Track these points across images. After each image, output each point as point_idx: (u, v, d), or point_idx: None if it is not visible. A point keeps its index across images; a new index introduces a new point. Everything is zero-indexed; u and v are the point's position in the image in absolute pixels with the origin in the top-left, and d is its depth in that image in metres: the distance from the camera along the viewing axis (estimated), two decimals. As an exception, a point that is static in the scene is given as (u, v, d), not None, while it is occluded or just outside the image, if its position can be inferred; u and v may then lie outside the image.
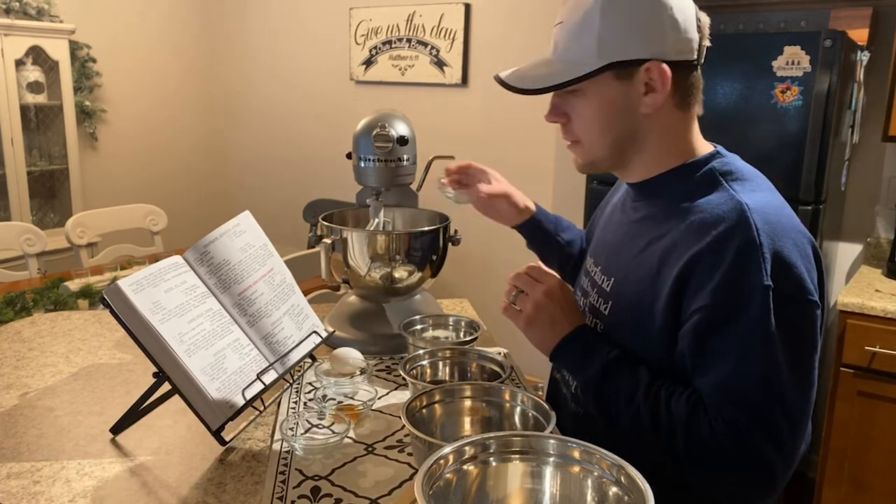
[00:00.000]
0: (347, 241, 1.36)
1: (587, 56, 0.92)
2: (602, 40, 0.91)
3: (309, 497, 0.88)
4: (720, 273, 0.85)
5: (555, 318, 0.99)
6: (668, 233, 0.94)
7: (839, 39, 2.02)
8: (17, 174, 3.29)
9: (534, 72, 0.97)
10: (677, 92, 0.95)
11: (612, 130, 0.96)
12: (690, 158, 0.98)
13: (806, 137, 2.05)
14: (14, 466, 0.96)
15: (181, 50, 4.13)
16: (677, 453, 0.88)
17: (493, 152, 3.29)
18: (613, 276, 1.02)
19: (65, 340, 1.43)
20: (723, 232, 0.87)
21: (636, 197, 1.04)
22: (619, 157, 0.99)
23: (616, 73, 0.92)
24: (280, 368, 1.13)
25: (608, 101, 0.94)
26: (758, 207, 0.88)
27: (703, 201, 0.92)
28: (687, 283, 0.88)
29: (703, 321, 0.86)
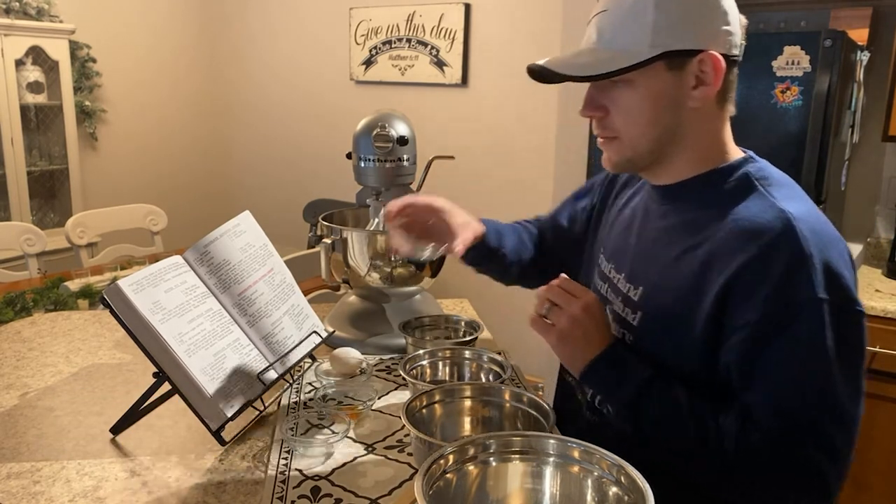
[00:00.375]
0: (347, 241, 1.36)
1: (639, 44, 0.87)
2: (657, 28, 0.87)
3: (309, 497, 0.88)
4: (770, 285, 0.83)
5: (589, 335, 0.93)
6: (706, 241, 0.90)
7: (839, 39, 2.02)
8: (17, 174, 3.29)
9: (577, 60, 0.92)
10: (722, 88, 0.92)
11: (658, 124, 0.92)
12: (723, 163, 0.95)
13: (806, 137, 2.05)
14: (14, 466, 0.96)
15: (181, 50, 4.13)
16: (727, 470, 0.86)
17: (493, 152, 3.30)
18: (642, 286, 0.98)
19: (65, 340, 1.43)
20: (770, 242, 0.84)
21: (663, 201, 1.00)
22: (658, 154, 0.95)
23: (668, 63, 0.89)
24: (280, 368, 1.13)
25: (657, 92, 0.90)
26: (802, 216, 0.86)
27: (742, 209, 0.89)
28: (733, 295, 0.85)
29: (754, 334, 0.84)
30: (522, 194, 3.20)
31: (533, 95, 3.11)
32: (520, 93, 3.17)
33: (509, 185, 3.25)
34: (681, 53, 0.88)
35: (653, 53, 0.87)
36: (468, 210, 1.34)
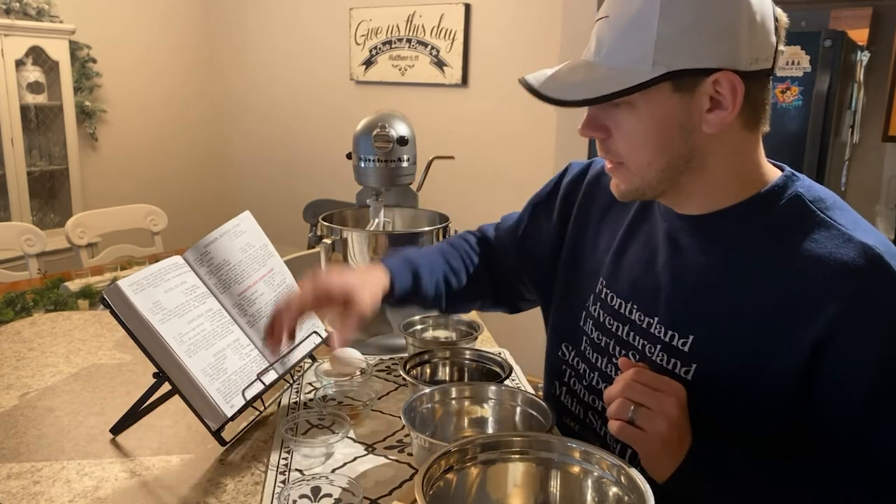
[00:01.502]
0: (347, 241, 1.36)
1: (640, 62, 0.75)
2: (661, 43, 0.74)
3: (309, 497, 0.88)
4: (879, 336, 0.73)
5: (683, 434, 0.77)
6: (772, 284, 0.78)
7: (839, 39, 2.02)
8: (18, 174, 3.29)
9: (571, 77, 0.80)
10: (747, 107, 0.78)
11: (666, 153, 0.79)
12: (764, 185, 0.82)
13: (806, 137, 2.05)
14: (14, 467, 0.96)
15: (181, 50, 4.13)
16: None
17: (493, 152, 3.30)
18: (693, 335, 0.84)
19: (65, 341, 1.43)
20: (865, 285, 0.73)
21: (696, 233, 0.86)
22: (671, 184, 0.82)
23: (675, 85, 0.76)
24: (280, 369, 1.13)
25: (663, 117, 0.77)
26: (884, 247, 0.75)
27: (812, 244, 0.77)
28: (833, 349, 0.74)
29: (870, 391, 0.74)
30: (522, 194, 3.19)
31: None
32: (520, 93, 3.15)
33: (509, 186, 3.25)
34: (690, 72, 0.75)
35: (655, 73, 0.74)
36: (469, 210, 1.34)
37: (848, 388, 0.75)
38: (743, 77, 0.75)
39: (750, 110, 0.79)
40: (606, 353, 0.96)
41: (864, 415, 0.75)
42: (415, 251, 1.14)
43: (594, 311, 0.99)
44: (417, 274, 1.07)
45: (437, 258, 1.14)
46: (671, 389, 0.77)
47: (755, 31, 0.76)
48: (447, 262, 1.15)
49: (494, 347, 1.41)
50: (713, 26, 0.74)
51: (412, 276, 1.07)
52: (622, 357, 0.86)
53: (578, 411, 1.02)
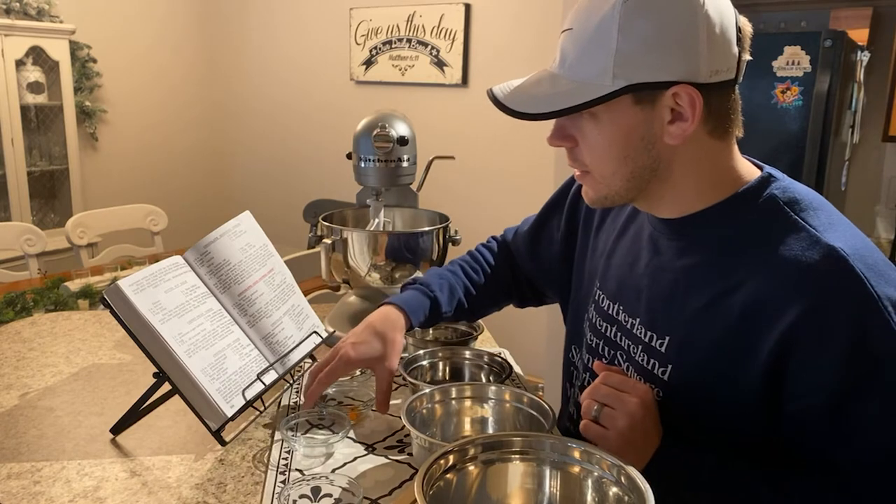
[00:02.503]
0: (347, 241, 1.36)
1: (601, 75, 0.76)
2: (620, 57, 0.75)
3: (309, 497, 0.88)
4: (841, 339, 0.72)
5: (648, 433, 0.80)
6: (741, 286, 0.79)
7: (839, 40, 2.02)
8: (18, 174, 3.29)
9: (535, 89, 0.82)
10: (712, 118, 0.80)
11: (629, 163, 0.81)
12: (739, 187, 0.83)
13: (806, 137, 2.05)
14: (14, 467, 0.96)
15: (181, 50, 4.13)
16: None
17: (493, 153, 3.30)
18: (668, 336, 0.86)
19: (65, 341, 1.43)
20: (826, 289, 0.73)
21: (676, 235, 0.87)
22: (638, 192, 0.84)
23: (635, 98, 0.77)
24: (280, 369, 1.13)
25: (625, 129, 0.79)
26: (853, 251, 0.75)
27: (781, 247, 0.77)
28: (794, 352, 0.75)
29: (838, 393, 0.74)
30: (522, 194, 3.20)
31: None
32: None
33: (509, 186, 3.25)
34: (649, 86, 0.76)
35: (615, 87, 0.75)
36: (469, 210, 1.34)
37: (811, 391, 0.75)
38: (703, 89, 0.76)
39: (714, 120, 0.80)
40: (597, 354, 1.00)
41: (827, 418, 0.75)
42: (435, 274, 1.19)
43: (591, 314, 1.03)
44: (436, 301, 1.13)
45: (457, 276, 1.20)
46: (635, 391, 0.80)
47: (714, 43, 0.76)
48: (467, 276, 1.21)
49: (494, 347, 1.41)
50: (671, 40, 0.75)
51: (430, 306, 1.12)
52: (597, 361, 0.90)
53: (572, 411, 1.07)
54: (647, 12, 0.75)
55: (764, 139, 2.08)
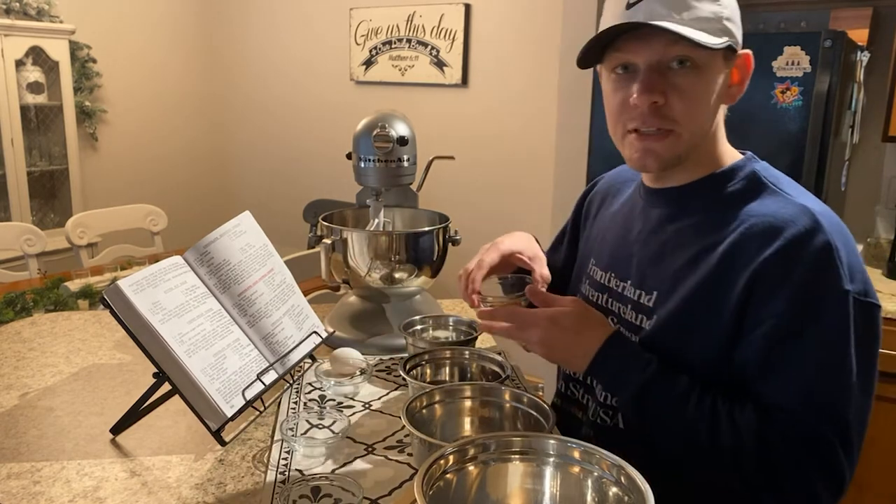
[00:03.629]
0: (347, 241, 1.36)
1: (713, 29, 0.87)
2: (728, 18, 0.89)
3: (309, 497, 0.88)
4: (798, 277, 0.82)
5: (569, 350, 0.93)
6: (724, 240, 0.89)
7: (839, 40, 2.02)
8: (18, 174, 3.29)
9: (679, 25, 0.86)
10: None
11: (712, 116, 0.93)
12: (720, 167, 0.96)
13: (806, 138, 2.05)
14: (14, 467, 0.96)
15: (181, 51, 4.13)
16: (742, 467, 0.84)
17: (493, 152, 3.30)
18: (656, 290, 0.96)
19: (65, 341, 1.43)
20: (795, 236, 0.84)
21: (665, 205, 0.99)
22: (695, 151, 0.94)
23: (725, 56, 0.90)
24: (280, 369, 1.13)
25: (715, 81, 0.90)
26: (821, 212, 0.86)
27: (759, 206, 0.89)
28: (759, 288, 0.84)
29: (778, 327, 0.83)
30: (522, 194, 3.20)
31: (533, 95, 3.12)
32: (520, 93, 3.17)
33: (509, 185, 3.25)
34: (734, 48, 0.90)
35: (722, 39, 0.87)
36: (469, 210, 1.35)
37: (760, 322, 0.84)
38: None
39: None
40: None
41: (770, 351, 0.84)
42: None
43: (584, 288, 1.13)
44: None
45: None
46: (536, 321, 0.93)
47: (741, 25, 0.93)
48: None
49: (494, 347, 1.41)
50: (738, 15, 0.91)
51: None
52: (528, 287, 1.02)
53: (560, 385, 1.15)
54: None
55: (764, 139, 2.08)
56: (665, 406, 0.88)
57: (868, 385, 0.85)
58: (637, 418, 0.93)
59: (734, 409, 0.86)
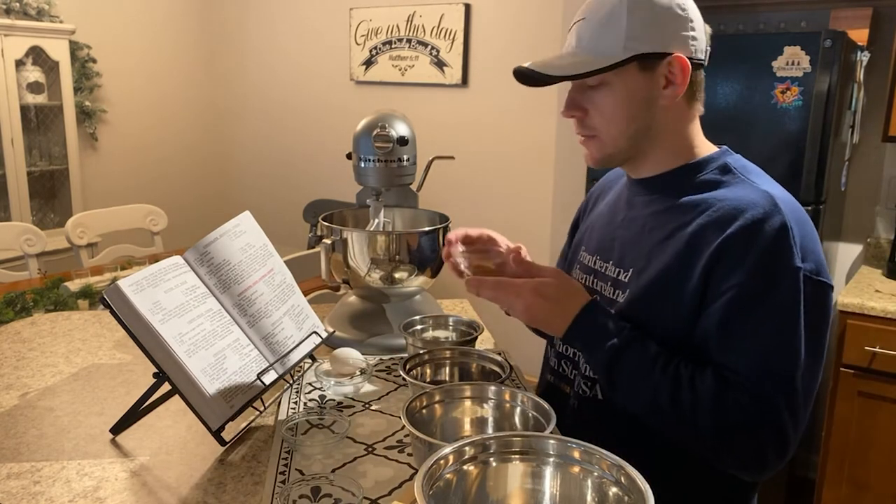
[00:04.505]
0: (347, 241, 1.36)
1: (614, 48, 0.96)
2: (630, 33, 0.96)
3: (309, 497, 0.88)
4: (755, 253, 0.90)
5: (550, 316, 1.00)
6: (694, 220, 0.98)
7: (839, 40, 2.02)
8: (18, 174, 3.29)
9: (559, 62, 1.01)
10: (689, 89, 1.00)
11: (634, 122, 1.01)
12: (694, 158, 1.04)
13: (806, 138, 2.05)
14: (14, 467, 0.96)
15: (181, 50, 4.13)
16: (699, 426, 0.91)
17: (493, 152, 3.30)
18: (632, 267, 1.05)
19: (65, 341, 1.43)
20: (756, 216, 0.92)
21: (646, 192, 1.07)
22: (635, 150, 1.04)
23: (640, 65, 0.97)
24: (280, 369, 1.13)
25: (632, 91, 0.99)
26: (783, 197, 0.96)
27: (726, 192, 0.98)
28: (718, 264, 0.92)
29: (736, 298, 0.91)
30: (522, 194, 3.20)
31: (533, 95, 3.11)
32: (520, 93, 3.16)
33: (509, 185, 3.25)
34: (651, 56, 0.97)
35: (626, 56, 0.96)
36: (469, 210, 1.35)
37: (722, 297, 0.92)
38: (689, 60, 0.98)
39: (690, 92, 1.01)
40: None
41: (728, 321, 0.92)
42: None
43: (575, 274, 1.19)
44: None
45: None
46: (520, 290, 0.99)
47: (697, 29, 0.99)
48: None
49: (494, 347, 1.41)
50: (666, 20, 0.97)
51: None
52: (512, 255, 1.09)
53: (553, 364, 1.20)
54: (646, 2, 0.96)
55: (764, 139, 2.08)
56: (634, 369, 0.95)
57: (815, 358, 0.93)
58: (608, 380, 0.99)
59: (695, 373, 0.93)
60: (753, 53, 2.09)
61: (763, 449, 0.91)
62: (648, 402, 0.94)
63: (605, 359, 0.97)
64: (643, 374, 0.94)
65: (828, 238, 2.36)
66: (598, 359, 0.98)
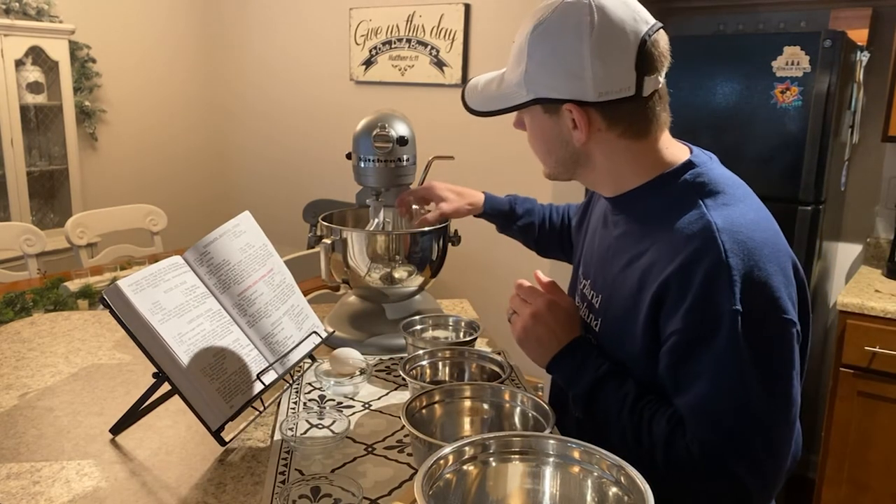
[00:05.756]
0: (347, 241, 1.36)
1: (519, 87, 0.94)
2: (528, 75, 0.92)
3: (309, 497, 0.88)
4: (690, 297, 0.85)
5: (541, 339, 1.00)
6: (645, 252, 0.93)
7: (839, 40, 2.02)
8: (17, 174, 3.29)
9: (487, 89, 1.00)
10: (618, 125, 0.92)
11: (552, 154, 0.98)
12: (664, 170, 0.95)
13: (805, 138, 2.05)
14: (14, 467, 0.96)
15: (181, 50, 4.13)
16: (658, 471, 0.88)
17: (493, 152, 3.30)
18: (601, 294, 1.03)
19: (64, 341, 1.43)
20: (691, 254, 0.86)
21: (613, 210, 1.03)
22: (571, 174, 1.00)
23: (544, 108, 0.94)
24: (280, 369, 1.13)
25: (540, 130, 0.97)
26: (727, 226, 0.86)
27: (677, 219, 0.90)
28: (661, 306, 0.88)
29: (677, 344, 0.87)
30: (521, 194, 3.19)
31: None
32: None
33: (509, 185, 3.24)
34: (549, 100, 0.92)
35: (528, 98, 0.93)
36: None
37: (666, 343, 0.88)
38: (595, 106, 0.90)
39: (622, 127, 0.92)
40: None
41: (672, 369, 0.88)
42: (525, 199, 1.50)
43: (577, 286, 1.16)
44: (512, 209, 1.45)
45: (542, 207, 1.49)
46: (533, 301, 1.01)
47: (600, 71, 0.88)
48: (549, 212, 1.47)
49: (494, 347, 1.41)
50: (560, 67, 0.90)
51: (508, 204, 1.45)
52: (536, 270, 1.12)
53: None
54: (544, 42, 0.90)
55: (763, 139, 2.08)
56: (607, 408, 0.94)
57: (779, 400, 0.86)
58: (586, 417, 1.00)
59: (654, 416, 0.90)
60: (753, 53, 2.09)
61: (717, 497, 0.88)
62: (619, 444, 0.92)
63: (579, 398, 0.98)
64: (614, 415, 0.93)
65: (827, 238, 2.36)
66: (574, 399, 0.99)
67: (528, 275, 1.17)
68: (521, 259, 2.24)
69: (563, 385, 1.03)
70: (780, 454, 0.87)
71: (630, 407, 0.92)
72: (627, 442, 0.91)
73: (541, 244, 1.45)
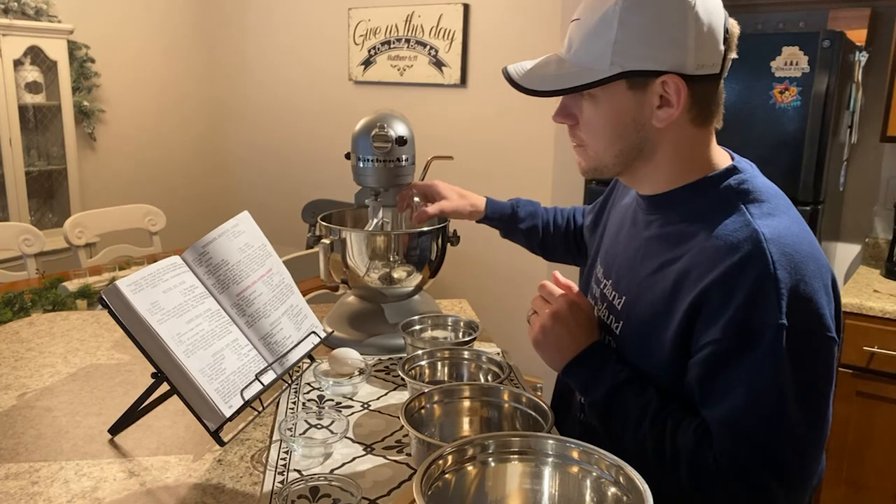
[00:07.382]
0: (346, 241, 1.36)
1: (600, 61, 0.86)
2: (618, 47, 0.85)
3: (308, 497, 0.88)
4: (733, 307, 0.81)
5: (560, 340, 0.97)
6: (682, 257, 0.89)
7: (838, 40, 2.02)
8: (16, 174, 3.28)
9: (544, 70, 0.92)
10: (695, 107, 0.89)
11: (620, 141, 0.91)
12: (707, 174, 0.92)
13: (804, 138, 2.05)
14: (12, 467, 0.96)
15: (180, 50, 4.13)
16: (681, 484, 0.86)
17: (492, 152, 3.30)
18: (625, 295, 0.98)
19: (63, 341, 1.43)
20: (737, 263, 0.82)
21: (648, 210, 0.99)
22: (625, 167, 0.95)
23: (629, 83, 0.87)
24: (279, 369, 1.13)
25: (619, 110, 0.89)
26: (775, 237, 0.83)
27: (720, 226, 0.87)
28: (699, 315, 0.85)
29: (714, 355, 0.83)
30: (521, 195, 3.19)
31: (532, 96, 3.11)
32: (518, 93, 3.17)
33: (508, 185, 3.25)
34: (641, 73, 0.86)
35: (612, 72, 0.85)
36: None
37: (701, 352, 0.85)
38: (688, 80, 0.86)
39: (698, 109, 0.89)
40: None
41: (706, 379, 0.85)
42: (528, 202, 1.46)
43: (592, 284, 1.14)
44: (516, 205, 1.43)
45: (546, 211, 1.45)
46: (554, 302, 0.99)
47: (702, 41, 0.85)
48: (554, 216, 1.44)
49: (494, 347, 1.41)
50: (663, 35, 0.84)
51: (511, 208, 1.43)
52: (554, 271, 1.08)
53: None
54: (643, 9, 0.84)
55: (762, 139, 2.08)
56: (626, 418, 0.91)
57: (815, 416, 0.84)
58: (602, 425, 0.97)
59: (680, 426, 0.88)
60: (752, 53, 2.09)
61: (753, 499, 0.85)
62: (635, 454, 0.88)
63: (595, 406, 0.95)
64: (633, 423, 0.90)
65: (826, 238, 2.36)
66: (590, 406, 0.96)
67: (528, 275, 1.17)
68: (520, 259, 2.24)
69: (578, 390, 1.00)
70: (811, 471, 0.85)
71: (652, 416, 0.89)
72: (647, 451, 0.89)
73: (546, 248, 1.44)
